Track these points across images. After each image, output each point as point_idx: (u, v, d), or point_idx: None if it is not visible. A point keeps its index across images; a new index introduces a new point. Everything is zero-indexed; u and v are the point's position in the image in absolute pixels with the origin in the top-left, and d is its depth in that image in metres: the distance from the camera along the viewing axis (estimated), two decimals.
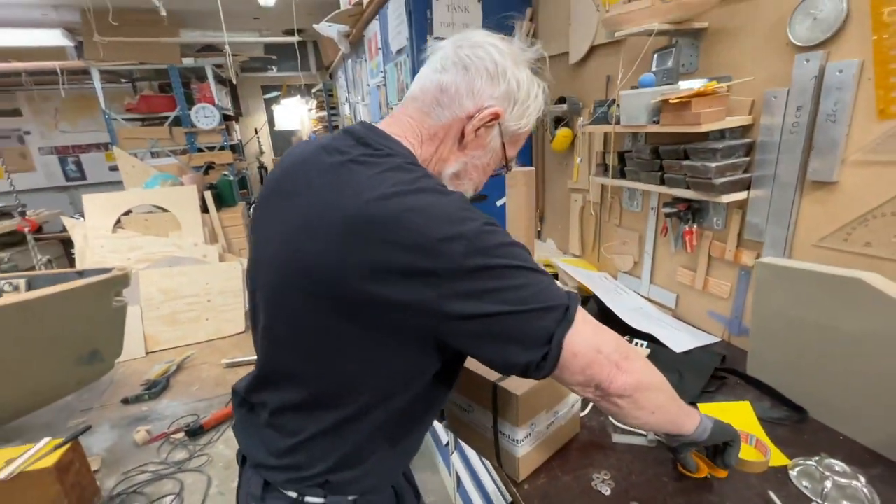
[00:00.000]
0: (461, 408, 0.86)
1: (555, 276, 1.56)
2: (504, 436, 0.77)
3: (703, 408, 0.93)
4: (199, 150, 4.39)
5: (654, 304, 1.42)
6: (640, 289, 1.49)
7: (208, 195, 3.66)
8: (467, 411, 0.84)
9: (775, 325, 0.95)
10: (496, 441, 0.79)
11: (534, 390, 0.73)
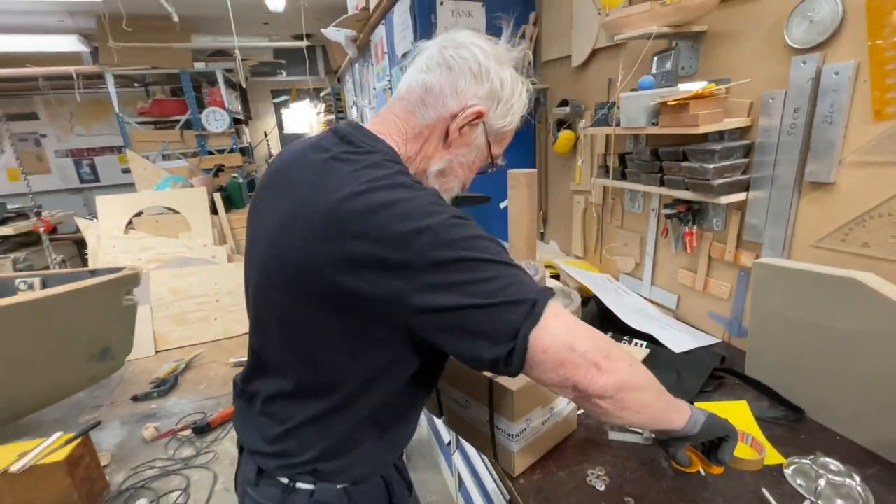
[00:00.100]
0: (459, 403, 0.87)
1: (556, 278, 1.57)
2: (500, 431, 0.78)
3: (700, 407, 0.93)
4: (210, 152, 4.48)
5: (655, 305, 1.42)
6: (641, 290, 1.50)
7: (218, 197, 3.72)
8: (465, 407, 0.86)
9: (773, 325, 0.96)
10: (492, 436, 0.80)
11: (529, 386, 0.74)
